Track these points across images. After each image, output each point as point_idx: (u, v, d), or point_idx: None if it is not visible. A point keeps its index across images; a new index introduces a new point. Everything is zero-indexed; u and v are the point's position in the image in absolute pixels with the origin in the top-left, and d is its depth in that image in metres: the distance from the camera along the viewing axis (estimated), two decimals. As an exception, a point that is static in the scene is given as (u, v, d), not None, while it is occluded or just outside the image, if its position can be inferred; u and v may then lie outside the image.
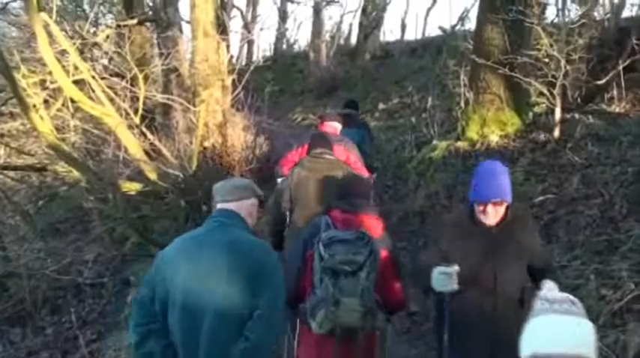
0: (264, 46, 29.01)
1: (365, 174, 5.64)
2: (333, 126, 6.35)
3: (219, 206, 3.25)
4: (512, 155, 8.11)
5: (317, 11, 23.44)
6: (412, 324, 5.80)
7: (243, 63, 24.42)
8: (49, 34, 8.92)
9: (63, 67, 9.04)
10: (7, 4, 13.47)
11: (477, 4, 9.65)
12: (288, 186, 5.07)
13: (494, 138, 8.64)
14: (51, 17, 8.99)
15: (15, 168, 12.49)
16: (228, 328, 2.97)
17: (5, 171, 13.10)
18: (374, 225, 3.81)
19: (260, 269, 3.04)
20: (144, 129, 9.65)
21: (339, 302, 3.31)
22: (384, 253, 3.62)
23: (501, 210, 3.47)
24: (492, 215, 3.45)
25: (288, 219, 5.09)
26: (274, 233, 5.23)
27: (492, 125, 8.83)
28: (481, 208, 3.46)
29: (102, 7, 15.58)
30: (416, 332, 5.67)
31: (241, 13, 26.20)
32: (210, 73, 9.41)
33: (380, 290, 3.53)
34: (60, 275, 9.69)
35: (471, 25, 13.68)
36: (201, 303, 2.97)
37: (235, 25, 27.02)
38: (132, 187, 9.07)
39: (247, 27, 25.17)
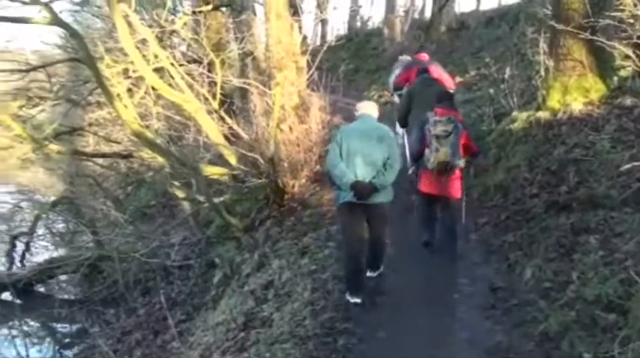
0: (338, 25, 28.92)
1: (452, 86, 9.04)
2: (425, 56, 9.82)
3: (362, 112, 6.30)
4: (597, 122, 7.81)
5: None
6: (497, 300, 5.71)
7: (318, 43, 24.48)
8: (129, 24, 9.16)
9: (143, 55, 9.27)
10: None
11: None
12: (409, 93, 8.45)
13: (577, 106, 8.31)
14: (130, 7, 9.20)
15: (103, 156, 12.99)
16: (379, 163, 5.86)
17: (95, 159, 13.66)
18: (456, 115, 6.98)
19: (390, 140, 6.03)
20: (222, 114, 9.81)
21: (439, 149, 6.60)
22: (464, 131, 6.77)
23: None
24: None
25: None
26: (403, 120, 8.52)
27: (575, 92, 8.50)
28: None
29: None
30: (500, 308, 5.57)
31: (314, -8, 26.11)
32: (284, 55, 9.46)
33: (463, 147, 6.73)
34: (149, 258, 10.05)
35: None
36: (368, 153, 5.86)
37: (309, 5, 26.95)
38: (213, 171, 9.27)
39: (320, 7, 25.07)
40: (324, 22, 26.06)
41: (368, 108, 6.35)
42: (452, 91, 8.05)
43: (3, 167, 16.92)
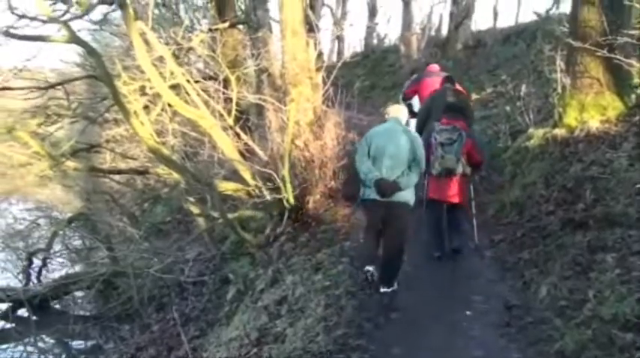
0: (354, 42, 29.02)
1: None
2: (435, 66, 10.43)
3: (391, 115, 6.62)
4: (614, 140, 7.74)
5: (406, 3, 23.23)
6: (512, 318, 5.64)
7: (334, 60, 24.57)
8: (146, 42, 9.24)
9: (160, 73, 9.35)
10: (107, 14, 14.03)
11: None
12: (428, 102, 8.41)
13: (594, 123, 8.26)
14: (147, 25, 9.29)
15: (120, 172, 13.07)
16: (403, 164, 6.24)
17: (111, 175, 13.75)
18: (462, 125, 7.37)
19: (416, 142, 6.33)
20: (238, 130, 9.84)
21: (444, 157, 7.11)
22: (468, 139, 7.23)
23: None
24: None
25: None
26: (420, 128, 8.06)
27: (592, 110, 8.46)
28: None
29: (196, 13, 16.06)
30: (515, 325, 5.50)
31: (331, 10, 26.30)
32: (300, 71, 9.48)
33: (467, 156, 7.25)
34: (164, 274, 10.04)
35: (566, 7, 13.11)
36: (394, 153, 6.24)
37: (325, 22, 27.14)
38: (227, 187, 9.29)
39: (337, 24, 25.23)
40: (340, 39, 26.16)
41: (396, 112, 6.74)
42: (465, 103, 8.26)
43: (21, 184, 17.05)
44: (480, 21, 37.09)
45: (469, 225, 7.62)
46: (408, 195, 6.31)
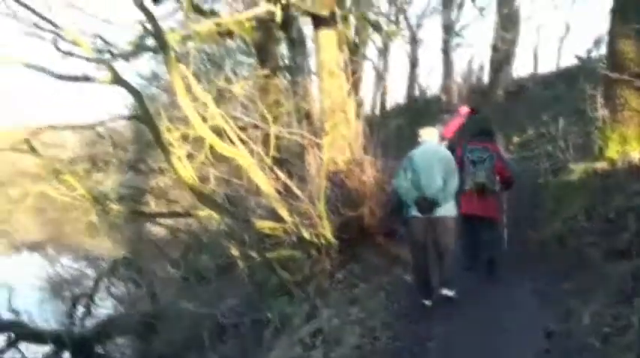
0: (396, 94, 29.30)
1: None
2: (464, 108, 10.35)
3: (424, 138, 7.12)
4: (657, 171, 7.58)
5: (446, 53, 23.40)
6: (551, 344, 5.45)
7: (377, 112, 24.79)
8: (188, 89, 9.47)
9: (202, 117, 9.55)
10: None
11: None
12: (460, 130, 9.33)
13: (636, 155, 8.10)
14: (189, 69, 9.53)
15: (162, 215, 13.28)
16: (439, 180, 6.75)
17: (155, 222, 14.00)
18: (491, 147, 7.98)
19: (449, 161, 6.89)
20: (276, 170, 9.93)
21: (476, 173, 7.74)
22: (500, 158, 8.00)
23: None
24: None
25: None
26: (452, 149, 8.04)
27: (634, 142, 8.30)
28: None
29: (239, 59, 16.51)
30: (556, 354, 5.31)
31: (372, 63, 26.59)
32: (335, 110, 9.62)
33: (497, 174, 7.84)
34: (204, 316, 10.07)
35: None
36: (430, 171, 6.79)
37: (368, 76, 27.38)
38: (265, 225, 9.31)
39: (379, 76, 25.53)
40: (383, 91, 26.40)
41: (429, 134, 7.23)
42: (491, 127, 9.05)
43: (69, 230, 17.49)
44: (521, 67, 37.13)
45: (501, 238, 8.12)
46: (448, 209, 6.82)
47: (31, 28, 10.01)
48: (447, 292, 6.81)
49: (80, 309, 13.42)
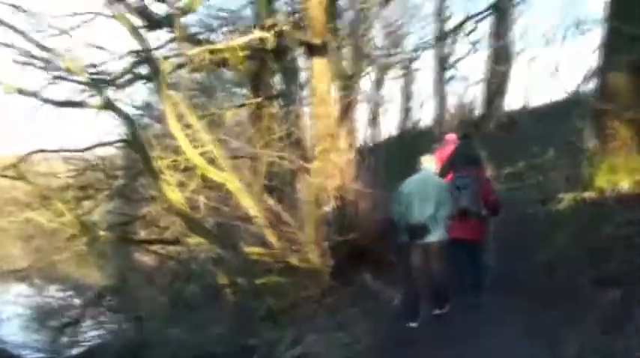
0: (389, 126, 29.41)
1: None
2: (452, 136, 11.24)
3: (424, 165, 7.44)
4: (647, 200, 7.57)
5: (440, 85, 23.55)
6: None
7: (370, 142, 24.80)
8: (180, 117, 9.48)
9: (194, 145, 9.55)
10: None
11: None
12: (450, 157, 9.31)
13: (625, 184, 8.11)
14: (181, 97, 9.56)
15: (150, 242, 13.17)
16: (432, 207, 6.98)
17: (143, 246, 13.88)
18: (476, 174, 8.16)
19: (442, 188, 7.22)
20: (266, 197, 9.91)
21: (459, 198, 7.68)
22: (485, 183, 8.18)
23: None
24: None
25: None
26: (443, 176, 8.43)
27: (622, 172, 8.32)
28: None
29: (233, 90, 16.52)
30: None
31: (366, 94, 26.66)
32: (326, 136, 9.65)
33: (483, 198, 7.91)
34: (193, 345, 9.92)
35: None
36: (424, 198, 7.05)
37: (362, 106, 27.44)
38: (253, 251, 9.26)
39: (373, 106, 25.60)
40: (375, 123, 26.46)
41: (427, 162, 7.61)
42: (477, 154, 9.30)
43: (58, 259, 17.30)
44: (513, 100, 37.27)
45: (486, 263, 8.18)
46: (438, 235, 7.08)
47: (25, 55, 10.04)
48: (438, 312, 7.17)
49: (66, 338, 13.20)
